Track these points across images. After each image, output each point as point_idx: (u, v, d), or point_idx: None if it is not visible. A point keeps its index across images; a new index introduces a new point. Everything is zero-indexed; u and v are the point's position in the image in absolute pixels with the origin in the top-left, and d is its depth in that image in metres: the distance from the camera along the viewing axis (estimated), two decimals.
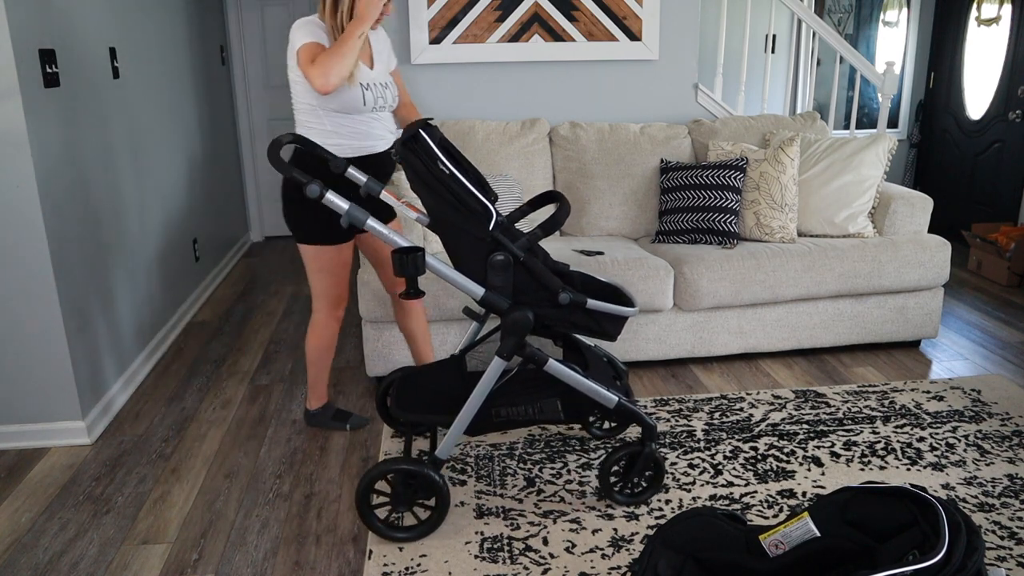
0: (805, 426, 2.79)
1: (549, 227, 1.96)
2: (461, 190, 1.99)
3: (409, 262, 1.89)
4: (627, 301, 2.21)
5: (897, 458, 2.56)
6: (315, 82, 2.20)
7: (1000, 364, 3.33)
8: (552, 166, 3.73)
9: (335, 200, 1.91)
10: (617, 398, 2.20)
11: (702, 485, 2.43)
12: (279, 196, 5.70)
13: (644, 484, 2.34)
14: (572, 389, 2.19)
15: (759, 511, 2.29)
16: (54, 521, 2.32)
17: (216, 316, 4.10)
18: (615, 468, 2.33)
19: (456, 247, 2.10)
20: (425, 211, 2.38)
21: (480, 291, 2.05)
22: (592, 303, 2.08)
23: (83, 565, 2.12)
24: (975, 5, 5.10)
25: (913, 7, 5.51)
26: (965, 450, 2.60)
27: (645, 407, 2.94)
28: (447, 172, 2.00)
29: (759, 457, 2.58)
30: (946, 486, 2.40)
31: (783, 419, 2.84)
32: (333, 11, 2.31)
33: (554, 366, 2.14)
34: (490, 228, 1.99)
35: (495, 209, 2.01)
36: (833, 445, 2.65)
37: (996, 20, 4.92)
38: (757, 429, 2.77)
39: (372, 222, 1.95)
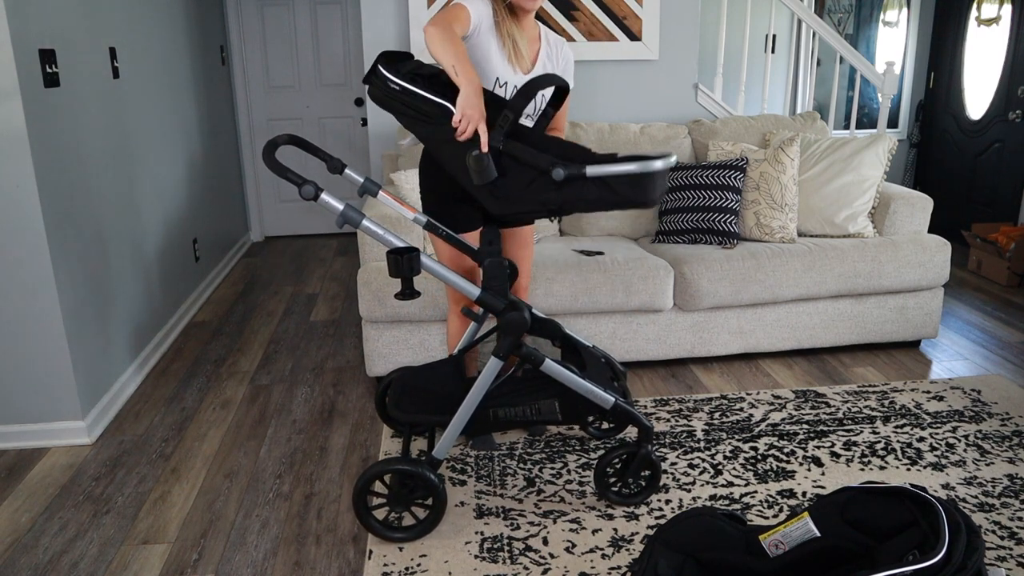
0: (805, 426, 2.79)
1: (520, 100, 1.86)
2: (413, 98, 1.98)
3: (404, 262, 1.89)
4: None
5: (897, 458, 2.56)
6: (425, 29, 2.05)
7: (1000, 364, 3.33)
8: None
9: (329, 201, 1.91)
10: (614, 399, 2.20)
11: (702, 485, 2.43)
12: (280, 196, 5.73)
13: (642, 484, 2.34)
14: (569, 390, 2.19)
15: (759, 511, 2.29)
16: (54, 521, 2.32)
17: (216, 316, 4.10)
18: (609, 469, 2.33)
19: (447, 163, 2.05)
20: (422, 210, 2.38)
21: (476, 291, 2.05)
22: (592, 169, 1.82)
23: (83, 565, 2.12)
24: (975, 5, 5.10)
25: (913, 7, 5.51)
26: (965, 450, 2.60)
27: (645, 407, 2.94)
28: (397, 88, 2.00)
29: (759, 457, 2.58)
30: (946, 486, 2.40)
31: (783, 419, 2.84)
32: None
33: (550, 366, 2.14)
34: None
35: (452, 106, 1.94)
36: (833, 445, 2.65)
37: (996, 20, 4.92)
38: (757, 429, 2.77)
39: (367, 222, 1.95)
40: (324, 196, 1.91)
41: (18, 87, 2.42)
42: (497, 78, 2.25)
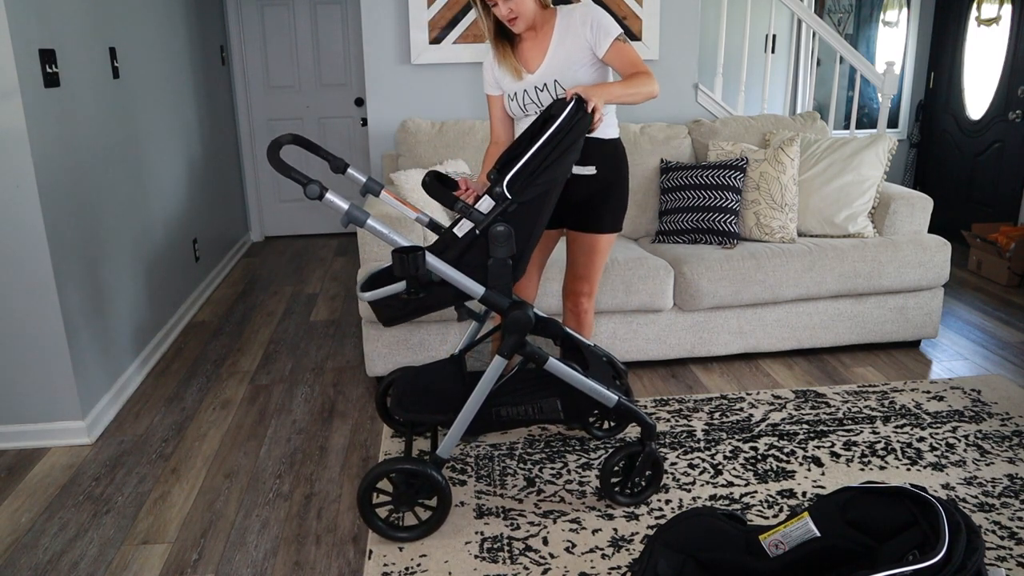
0: (805, 426, 2.79)
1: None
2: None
3: (409, 261, 1.88)
4: None
5: (897, 458, 2.56)
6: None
7: (1000, 364, 3.33)
8: None
9: (334, 200, 1.91)
10: (617, 397, 2.20)
11: (702, 485, 2.43)
12: (280, 196, 5.73)
13: (644, 483, 2.34)
14: (572, 389, 2.19)
15: (759, 511, 2.29)
16: (54, 521, 2.32)
17: (216, 316, 4.09)
18: (615, 469, 2.33)
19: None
20: (421, 210, 2.37)
21: (480, 290, 2.04)
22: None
23: (83, 565, 2.12)
24: (975, 5, 5.10)
25: (913, 7, 5.51)
26: (965, 450, 2.60)
27: (645, 407, 2.94)
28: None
29: (759, 457, 2.58)
30: (946, 486, 2.40)
31: (783, 419, 2.84)
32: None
33: (554, 365, 2.14)
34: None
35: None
36: (833, 445, 2.65)
37: (996, 20, 4.92)
38: (757, 429, 2.77)
39: (372, 221, 1.95)
40: (329, 195, 1.90)
41: (18, 87, 2.42)
42: (507, 95, 2.44)
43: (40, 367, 2.68)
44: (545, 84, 2.36)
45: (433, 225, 2.34)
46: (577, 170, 2.36)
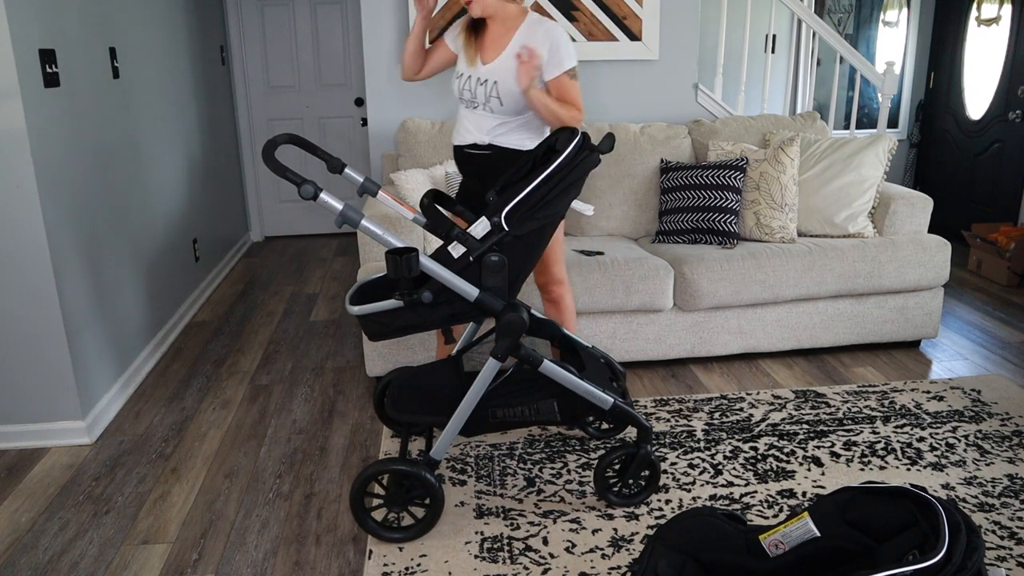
0: (805, 426, 2.79)
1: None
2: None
3: (402, 263, 1.88)
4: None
5: (897, 458, 2.56)
6: None
7: (1000, 364, 3.33)
8: None
9: (328, 200, 1.91)
10: (613, 400, 2.20)
11: (702, 485, 2.43)
12: (280, 196, 5.72)
13: (641, 484, 2.34)
14: (568, 390, 2.19)
15: (759, 511, 2.29)
16: (54, 521, 2.32)
17: (216, 316, 4.09)
18: (609, 470, 2.33)
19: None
20: (421, 211, 2.37)
21: (474, 292, 2.04)
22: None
23: (83, 565, 2.12)
24: (975, 5, 5.10)
25: (913, 7, 5.51)
26: (965, 450, 2.60)
27: (645, 407, 2.94)
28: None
29: (759, 457, 2.58)
30: (946, 486, 2.40)
31: (783, 419, 2.84)
32: None
33: (549, 367, 2.14)
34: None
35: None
36: (833, 445, 2.65)
37: (996, 20, 4.92)
38: (757, 429, 2.77)
39: (366, 222, 1.95)
40: (323, 196, 1.90)
41: (18, 87, 2.42)
42: (455, 72, 2.56)
43: (40, 367, 2.68)
44: (487, 81, 2.43)
45: (431, 226, 2.34)
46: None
